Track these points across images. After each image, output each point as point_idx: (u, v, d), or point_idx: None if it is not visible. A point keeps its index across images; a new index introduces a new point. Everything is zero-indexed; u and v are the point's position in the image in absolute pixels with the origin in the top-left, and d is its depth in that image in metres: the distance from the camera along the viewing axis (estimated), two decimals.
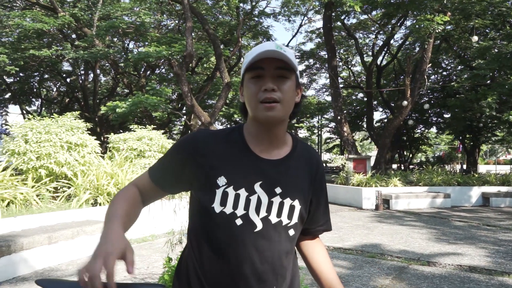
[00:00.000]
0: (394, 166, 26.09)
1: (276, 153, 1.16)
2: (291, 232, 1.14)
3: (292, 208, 1.12)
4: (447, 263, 5.14)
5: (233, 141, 1.15)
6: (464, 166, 28.23)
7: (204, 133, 1.17)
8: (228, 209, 1.07)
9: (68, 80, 24.55)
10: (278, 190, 1.11)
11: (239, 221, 1.07)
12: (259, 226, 1.08)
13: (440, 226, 8.08)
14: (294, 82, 1.11)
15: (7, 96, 23.07)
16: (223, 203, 1.07)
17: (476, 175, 14.47)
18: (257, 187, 1.09)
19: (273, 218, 1.10)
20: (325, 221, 1.28)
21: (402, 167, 24.93)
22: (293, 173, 1.15)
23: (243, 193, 1.08)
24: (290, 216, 1.12)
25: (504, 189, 12.57)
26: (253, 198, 1.08)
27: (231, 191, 1.08)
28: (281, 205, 1.11)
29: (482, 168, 29.08)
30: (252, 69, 1.08)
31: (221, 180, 1.08)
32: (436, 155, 37.08)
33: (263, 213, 1.09)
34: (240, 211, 1.07)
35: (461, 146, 23.63)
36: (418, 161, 34.57)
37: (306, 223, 1.21)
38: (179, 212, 4.72)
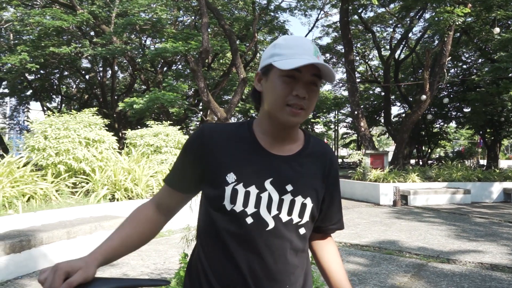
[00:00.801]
0: (412, 161, 25.72)
1: (288, 149, 1.13)
2: (302, 230, 1.11)
3: (303, 206, 1.09)
4: (468, 261, 5.03)
5: (242, 136, 1.12)
6: (482, 161, 27.64)
7: (211, 128, 1.13)
8: (238, 207, 1.04)
9: (87, 77, 24.92)
10: (289, 187, 1.08)
11: (249, 220, 1.04)
12: (271, 224, 1.05)
13: (460, 223, 7.92)
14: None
15: (28, 93, 23.56)
16: (233, 200, 1.04)
17: (497, 171, 14.15)
18: (267, 184, 1.06)
19: (284, 216, 1.07)
20: (338, 220, 1.24)
21: (421, 163, 24.54)
22: (305, 170, 1.12)
23: (253, 190, 1.05)
24: (301, 215, 1.09)
25: None
26: (264, 196, 1.05)
27: (241, 188, 1.05)
28: (292, 203, 1.07)
29: (503, 163, 28.41)
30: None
31: (231, 177, 1.05)
32: (455, 150, 36.39)
33: (274, 211, 1.06)
34: (250, 209, 1.05)
35: (481, 141, 23.10)
36: (437, 156, 34.00)
37: (318, 221, 1.18)
38: (195, 208, 4.71)
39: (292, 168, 1.10)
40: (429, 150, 28.66)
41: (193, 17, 20.42)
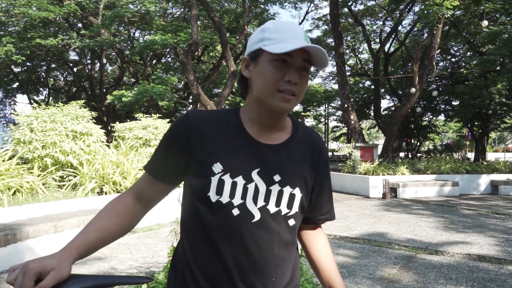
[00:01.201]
0: (402, 154, 25.91)
1: (276, 137, 1.08)
2: (291, 222, 1.07)
3: (292, 196, 1.05)
4: (456, 252, 5.08)
5: (229, 124, 1.07)
6: (469, 154, 27.97)
7: (196, 115, 1.07)
8: (225, 198, 1.00)
9: (74, 69, 24.60)
10: (277, 177, 1.03)
11: (236, 211, 1.00)
12: (257, 216, 1.01)
13: (448, 215, 8.00)
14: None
15: (15, 85, 23.19)
16: (219, 191, 1.00)
17: (485, 163, 14.32)
18: (254, 174, 1.02)
19: (272, 208, 1.03)
20: (328, 210, 1.20)
21: (410, 155, 24.76)
22: (293, 159, 1.08)
23: (240, 181, 1.01)
24: (290, 206, 1.05)
25: None
26: (251, 187, 1.01)
27: (227, 179, 1.00)
28: (280, 194, 1.03)
29: (491, 156, 28.81)
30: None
31: (217, 167, 1.01)
32: (444, 143, 36.77)
33: (261, 202, 1.02)
34: (237, 201, 1.00)
35: (469, 133, 23.35)
36: (426, 149, 34.31)
37: (308, 211, 1.14)
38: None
39: (280, 158, 1.06)
40: (418, 143, 28.92)
41: (182, 9, 20.20)
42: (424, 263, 4.61)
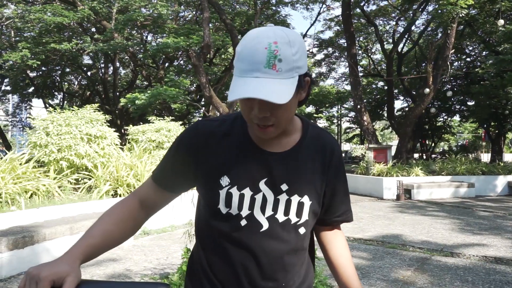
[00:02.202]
0: (416, 155, 25.63)
1: (284, 143, 1.06)
2: (302, 230, 1.06)
3: (300, 205, 1.04)
4: (472, 254, 5.00)
5: (235, 133, 1.05)
6: (484, 156, 27.51)
7: (205, 126, 1.07)
8: (234, 211, 1.00)
9: (88, 73, 24.94)
10: (284, 187, 1.02)
11: (243, 222, 1.01)
12: (265, 225, 1.01)
13: (464, 216, 7.88)
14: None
15: (30, 90, 23.61)
16: (228, 204, 1.01)
17: (502, 164, 14.08)
18: (262, 185, 1.02)
19: (280, 217, 1.02)
20: (344, 212, 1.17)
21: (424, 157, 24.46)
22: (302, 165, 1.06)
23: (247, 192, 1.01)
24: (299, 214, 1.04)
25: None
26: (258, 197, 1.01)
27: (235, 192, 1.01)
28: (288, 203, 1.03)
29: (508, 157, 28.28)
30: None
31: (224, 180, 1.01)
32: (459, 144, 36.25)
33: (269, 211, 1.02)
34: (245, 212, 1.01)
35: (485, 134, 22.98)
36: (441, 150, 33.88)
37: (322, 213, 1.12)
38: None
39: (287, 166, 1.04)
40: (433, 144, 28.57)
41: (194, 12, 20.35)
42: (439, 265, 4.55)
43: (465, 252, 5.12)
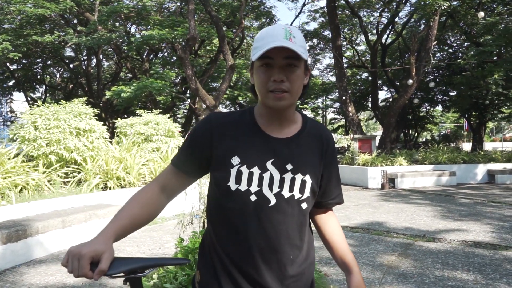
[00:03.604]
0: (399, 145, 26.05)
1: (286, 131, 1.22)
2: (304, 205, 1.21)
3: (303, 183, 1.19)
4: (452, 239, 5.23)
5: (244, 122, 1.22)
6: (466, 145, 28.13)
7: (217, 116, 1.24)
8: (243, 187, 1.14)
9: (71, 66, 24.54)
10: (289, 166, 1.17)
11: (253, 197, 1.15)
12: (273, 201, 1.15)
13: (446, 204, 8.16)
14: (303, 68, 1.15)
15: (11, 83, 23.15)
16: (238, 181, 1.14)
17: (482, 153, 14.48)
18: (269, 164, 1.16)
19: (286, 193, 1.17)
20: (337, 195, 1.34)
21: (408, 146, 24.91)
22: (303, 150, 1.22)
23: (256, 171, 1.15)
24: (302, 191, 1.19)
25: (509, 166, 12.61)
26: (266, 175, 1.15)
27: (244, 170, 1.15)
28: (292, 181, 1.17)
29: (488, 146, 28.99)
30: (261, 57, 1.11)
31: (235, 160, 1.15)
32: (441, 133, 36.95)
33: (276, 188, 1.16)
34: (254, 188, 1.15)
35: (467, 123, 23.49)
36: (424, 140, 34.49)
37: (319, 196, 1.28)
38: (190, 193, 4.82)
39: (290, 149, 1.20)
40: (416, 134, 29.07)
41: (178, 4, 20.18)
42: (422, 250, 4.76)
43: (446, 237, 5.35)
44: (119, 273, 1.06)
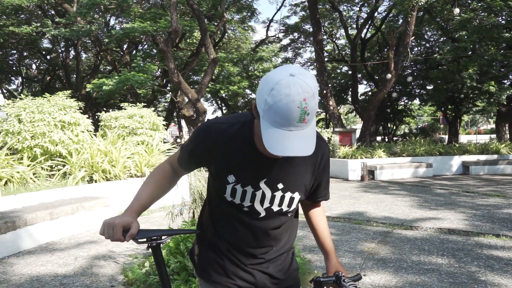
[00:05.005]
0: (379, 138, 26.61)
1: None
2: (290, 214, 1.41)
3: (292, 199, 1.34)
4: (428, 227, 5.51)
5: (242, 138, 1.26)
6: (443, 136, 28.88)
7: (217, 129, 1.27)
8: (237, 200, 1.31)
9: (48, 57, 24.03)
10: (280, 185, 1.30)
11: (245, 209, 1.32)
12: (263, 214, 1.34)
13: (422, 194, 8.49)
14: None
15: None
16: (233, 196, 1.31)
17: (457, 145, 14.96)
18: (262, 184, 1.29)
19: (275, 208, 1.34)
20: (324, 194, 1.49)
21: (386, 139, 25.46)
22: (295, 168, 1.31)
23: (249, 189, 1.29)
24: (290, 205, 1.36)
25: (483, 157, 13.11)
26: (258, 193, 1.30)
27: (239, 188, 1.29)
28: (282, 198, 1.32)
29: (463, 138, 29.85)
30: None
31: (231, 178, 1.28)
32: (419, 126, 37.80)
33: (266, 204, 1.32)
34: (246, 203, 1.31)
35: (443, 117, 24.08)
36: (402, 133, 35.21)
37: (308, 196, 1.44)
38: (180, 184, 4.96)
39: (283, 169, 1.29)
40: (394, 127, 29.67)
41: None
42: (400, 238, 5.02)
43: (423, 225, 5.63)
44: (144, 239, 1.32)
